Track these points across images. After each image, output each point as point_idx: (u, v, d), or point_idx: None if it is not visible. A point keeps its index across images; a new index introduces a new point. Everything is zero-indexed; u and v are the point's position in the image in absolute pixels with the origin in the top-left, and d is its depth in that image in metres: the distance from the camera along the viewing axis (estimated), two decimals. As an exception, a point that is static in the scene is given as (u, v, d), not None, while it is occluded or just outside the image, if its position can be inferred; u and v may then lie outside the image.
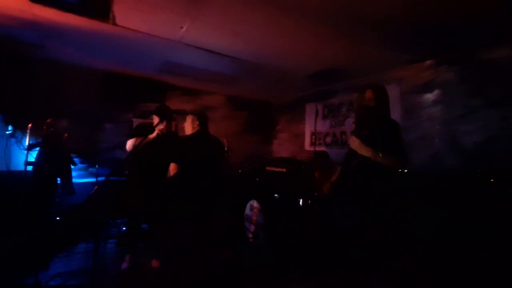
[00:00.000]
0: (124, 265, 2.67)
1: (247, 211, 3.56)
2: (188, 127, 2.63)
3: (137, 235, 2.90)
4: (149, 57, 3.69)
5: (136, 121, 4.70)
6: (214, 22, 2.65)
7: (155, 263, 2.74)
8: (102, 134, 4.51)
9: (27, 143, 2.40)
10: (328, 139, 4.86)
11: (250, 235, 3.39)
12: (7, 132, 3.58)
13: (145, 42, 3.16)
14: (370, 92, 1.98)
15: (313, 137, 5.12)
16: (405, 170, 2.95)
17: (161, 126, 2.46)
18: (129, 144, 2.61)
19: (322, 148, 4.85)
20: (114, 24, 2.69)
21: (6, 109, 3.46)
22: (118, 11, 2.48)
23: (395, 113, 3.42)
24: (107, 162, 4.16)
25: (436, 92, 3.32)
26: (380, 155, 1.78)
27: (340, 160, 3.99)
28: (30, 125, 2.34)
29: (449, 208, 2.48)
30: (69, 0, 2.25)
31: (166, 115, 2.58)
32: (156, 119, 2.67)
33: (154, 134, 2.47)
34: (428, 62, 3.44)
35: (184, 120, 2.69)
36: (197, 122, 2.56)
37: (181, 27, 2.77)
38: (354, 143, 1.92)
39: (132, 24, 2.74)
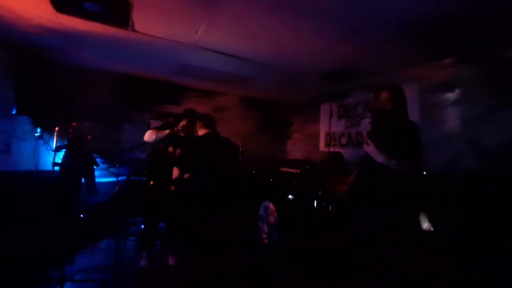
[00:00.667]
0: (143, 262, 2.78)
1: (261, 211, 3.60)
2: (198, 130, 2.70)
3: (155, 233, 3.01)
4: (165, 61, 3.80)
5: (153, 122, 4.85)
6: (228, 25, 2.70)
7: (171, 261, 2.84)
8: (121, 135, 4.69)
9: (54, 144, 2.55)
10: (344, 140, 4.80)
11: (264, 236, 3.42)
12: (35, 134, 3.82)
13: (162, 47, 3.26)
14: (386, 93, 1.93)
15: (328, 137, 5.07)
16: (424, 173, 2.87)
17: (182, 124, 2.53)
18: (147, 135, 2.68)
19: (337, 149, 4.79)
20: (133, 30, 2.81)
21: (34, 113, 3.68)
22: (137, 18, 2.59)
23: (413, 113, 3.32)
24: (126, 162, 4.32)
25: (456, 91, 3.21)
26: (394, 162, 1.75)
27: (356, 161, 3.94)
28: (57, 128, 2.50)
29: (471, 212, 2.39)
30: (92, 9, 2.38)
31: (190, 116, 2.66)
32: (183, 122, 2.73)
33: (173, 130, 2.54)
34: (447, 60, 3.33)
35: (195, 123, 2.76)
36: (203, 124, 2.62)
37: (196, 31, 2.84)
38: (369, 148, 1.88)
39: (149, 30, 2.84)
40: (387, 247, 1.82)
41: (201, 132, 2.65)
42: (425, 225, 2.30)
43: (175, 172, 2.59)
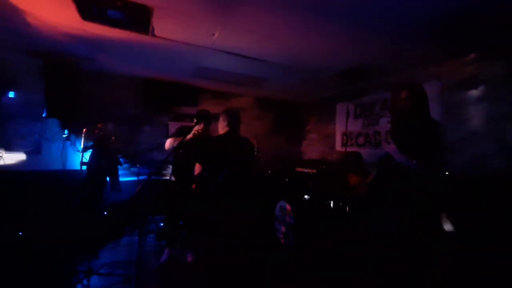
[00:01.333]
0: (164, 258, 2.88)
1: (277, 211, 3.61)
2: (220, 127, 2.74)
3: (174, 231, 3.11)
4: (183, 64, 3.91)
5: (171, 124, 5.00)
6: (244, 27, 2.74)
7: (190, 258, 2.92)
8: (141, 136, 4.87)
9: (81, 145, 2.71)
10: (361, 140, 4.72)
11: (281, 236, 3.43)
12: (63, 136, 4.05)
13: (180, 50, 3.36)
14: (406, 92, 1.90)
15: (344, 137, 5.00)
16: (446, 172, 2.78)
17: (198, 128, 2.60)
18: (168, 143, 2.80)
19: (354, 149, 4.72)
20: (153, 35, 2.92)
21: (62, 115, 3.91)
22: (157, 23, 2.69)
23: (435, 112, 3.21)
24: (146, 162, 4.49)
25: (480, 88, 3.07)
26: (415, 161, 1.72)
27: (374, 161, 3.86)
28: (84, 129, 2.65)
29: (497, 213, 2.28)
30: (115, 16, 2.50)
31: (205, 118, 2.73)
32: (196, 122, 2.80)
33: (190, 136, 2.62)
34: (471, 56, 3.19)
35: (216, 122, 2.81)
36: (226, 122, 2.66)
37: (213, 34, 2.91)
38: (389, 147, 1.86)
39: (168, 34, 2.94)
40: (406, 248, 1.78)
41: (223, 130, 2.69)
42: (448, 227, 2.22)
43: (197, 169, 2.66)
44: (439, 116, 3.31)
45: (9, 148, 4.08)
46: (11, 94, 3.99)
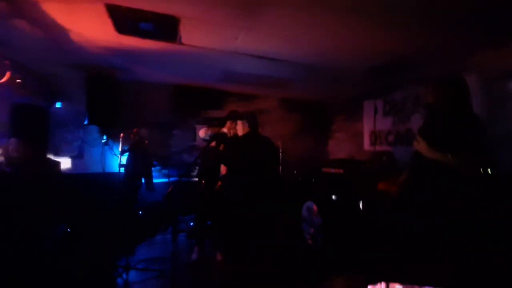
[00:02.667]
0: (194, 256, 3.00)
1: (304, 212, 3.58)
2: (240, 129, 2.81)
3: (204, 230, 3.22)
4: (209, 68, 4.06)
5: (198, 127, 5.19)
6: (266, 30, 2.77)
7: (219, 257, 3.01)
8: (171, 140, 5.11)
9: (119, 149, 2.93)
10: (391, 138, 4.51)
11: (308, 237, 3.40)
12: (102, 141, 4.40)
13: (205, 55, 3.49)
14: (439, 86, 1.79)
15: (373, 136, 4.82)
16: (490, 172, 2.56)
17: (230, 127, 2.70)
18: (202, 131, 2.92)
19: (384, 148, 4.53)
20: (180, 43, 3.07)
21: (101, 122, 4.26)
22: (183, 32, 2.83)
23: (476, 106, 2.98)
24: (176, 164, 4.71)
25: (527, 78, 2.80)
26: (450, 157, 1.60)
27: (406, 160, 3.67)
28: (122, 134, 2.86)
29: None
30: (146, 28, 2.69)
31: (236, 119, 2.81)
32: (240, 124, 2.88)
33: (225, 130, 2.72)
34: (516, 44, 2.92)
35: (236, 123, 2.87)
36: (246, 124, 2.71)
37: (236, 39, 2.99)
38: (419, 145, 1.75)
39: (194, 41, 3.08)
40: (441, 253, 1.68)
41: (243, 131, 2.75)
42: (493, 231, 2.04)
43: (223, 170, 2.75)
44: (480, 111, 3.06)
45: (57, 153, 4.53)
46: (58, 105, 4.43)
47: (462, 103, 1.75)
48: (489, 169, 2.33)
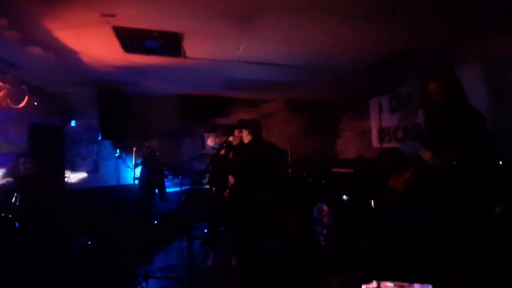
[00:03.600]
0: (210, 262, 3.07)
1: (315, 213, 3.61)
2: (244, 137, 2.87)
3: (217, 236, 3.29)
4: (213, 78, 4.16)
5: (206, 135, 5.29)
6: (267, 36, 2.83)
7: (234, 262, 3.07)
8: (181, 149, 5.24)
9: (133, 162, 3.06)
10: (399, 134, 4.48)
11: (322, 238, 3.42)
12: (116, 155, 4.56)
13: (209, 66, 3.59)
14: (435, 83, 1.80)
15: (381, 133, 4.79)
16: (500, 162, 2.53)
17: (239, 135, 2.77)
18: (210, 139, 3.01)
19: (393, 144, 4.50)
20: (185, 57, 3.19)
21: (114, 137, 4.42)
22: (187, 46, 2.94)
23: (481, 96, 2.95)
24: (187, 172, 4.81)
25: (534, 66, 2.75)
26: (455, 163, 1.62)
27: (416, 155, 3.66)
28: (134, 148, 2.99)
29: None
30: (152, 45, 2.81)
31: (245, 127, 2.87)
32: (245, 133, 2.94)
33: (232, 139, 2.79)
34: (521, 31, 2.87)
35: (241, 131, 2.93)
36: (248, 132, 2.76)
37: (238, 48, 3.07)
38: (425, 154, 1.76)
39: (198, 54, 3.19)
40: (454, 250, 1.69)
41: (247, 139, 2.80)
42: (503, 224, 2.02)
43: (231, 179, 2.82)
44: (486, 100, 3.02)
45: (73, 168, 4.72)
46: (73, 123, 4.63)
47: (457, 99, 1.76)
48: (497, 161, 2.32)
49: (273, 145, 2.84)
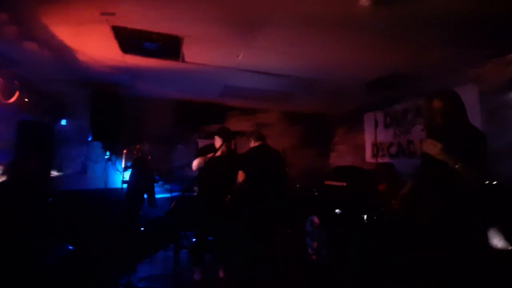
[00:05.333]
0: (196, 276, 2.94)
1: (308, 226, 3.53)
2: (250, 143, 2.90)
3: (205, 247, 3.17)
4: (211, 84, 4.14)
5: (201, 142, 5.22)
6: (267, 46, 2.85)
7: (221, 274, 2.95)
8: (174, 155, 5.14)
9: (122, 165, 2.96)
10: (393, 150, 4.51)
11: (313, 252, 3.34)
12: (105, 157, 4.44)
13: (207, 72, 3.58)
14: (438, 101, 1.81)
15: (375, 148, 4.82)
16: (494, 182, 2.55)
17: (223, 147, 2.74)
18: (195, 163, 2.99)
19: (386, 160, 4.52)
20: (183, 61, 3.17)
21: (105, 138, 4.30)
22: (186, 50, 2.92)
23: (474, 118, 2.99)
24: (179, 179, 4.70)
25: (525, 89, 2.83)
26: (457, 166, 1.60)
27: (408, 171, 3.66)
28: (125, 151, 2.90)
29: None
30: (151, 47, 2.78)
31: (227, 135, 2.87)
32: (218, 140, 2.99)
33: (218, 153, 2.75)
34: (511, 56, 2.97)
35: (243, 139, 2.97)
36: (255, 138, 2.79)
37: (238, 56, 3.07)
38: (435, 148, 1.71)
39: (197, 59, 3.17)
40: (451, 265, 1.65)
41: (254, 144, 2.86)
42: (498, 242, 2.01)
43: (240, 177, 2.75)
44: (480, 122, 3.07)
45: (60, 169, 4.56)
46: (63, 122, 4.51)
47: (459, 116, 1.77)
48: (491, 181, 2.33)
49: (279, 153, 2.89)
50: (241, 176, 2.76)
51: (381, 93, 4.48)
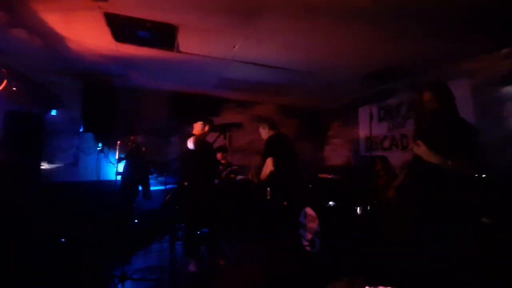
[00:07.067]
0: (192, 267, 2.95)
1: (302, 218, 3.57)
2: (263, 133, 2.90)
3: (199, 238, 3.18)
4: (206, 76, 4.09)
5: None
6: (264, 38, 2.82)
7: (222, 263, 2.98)
8: (168, 147, 5.08)
9: (116, 157, 2.90)
10: (386, 143, 4.56)
11: (306, 243, 3.38)
12: (97, 149, 4.35)
13: (203, 63, 3.53)
14: (429, 93, 1.83)
15: (369, 141, 4.87)
16: (483, 175, 2.61)
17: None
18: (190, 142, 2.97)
19: (379, 153, 4.57)
20: (178, 51, 3.10)
21: (97, 130, 4.22)
22: (181, 40, 2.86)
23: (467, 111, 3.04)
24: (173, 171, 4.67)
25: (517, 84, 2.88)
26: (450, 162, 1.63)
27: (401, 164, 3.71)
28: (118, 142, 2.85)
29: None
30: (145, 36, 2.71)
31: (206, 122, 2.92)
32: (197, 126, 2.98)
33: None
34: (506, 50, 3.00)
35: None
36: (268, 127, 2.80)
37: (234, 47, 3.03)
38: (420, 149, 1.77)
39: (192, 49, 3.12)
40: (441, 256, 1.69)
41: (269, 133, 2.84)
42: (488, 231, 2.07)
43: (269, 166, 2.70)
44: (472, 116, 3.13)
45: (51, 161, 4.46)
46: (54, 112, 4.39)
47: (449, 109, 1.79)
48: (482, 173, 2.38)
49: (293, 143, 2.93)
50: (269, 164, 2.69)
51: (376, 86, 4.50)
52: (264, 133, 2.92)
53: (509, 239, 2.03)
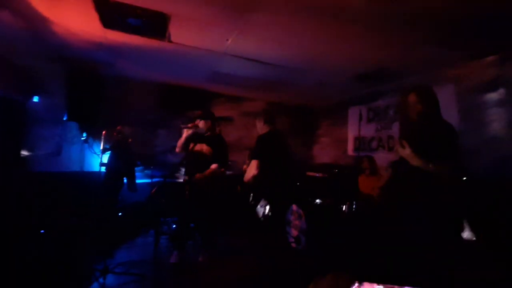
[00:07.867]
0: (173, 259, 2.91)
1: (288, 215, 3.60)
2: (258, 127, 2.84)
3: (187, 233, 3.15)
4: (198, 69, 4.02)
5: (184, 127, 5.09)
6: (258, 33, 2.79)
7: (201, 258, 2.96)
8: (156, 139, 4.99)
9: (101, 147, 2.81)
10: (374, 144, 4.65)
11: (292, 240, 3.41)
12: (82, 138, 4.22)
13: (195, 55, 3.46)
14: (414, 95, 1.87)
15: (357, 141, 4.94)
16: (464, 178, 2.70)
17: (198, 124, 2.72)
18: (178, 145, 2.93)
19: (367, 153, 4.66)
20: (169, 41, 3.03)
21: (82, 119, 4.08)
22: (173, 30, 2.79)
23: (452, 116, 3.14)
24: (160, 164, 4.59)
25: (500, 91, 2.98)
26: (431, 165, 1.67)
27: (387, 165, 3.79)
28: (104, 132, 2.75)
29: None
30: (135, 24, 2.62)
31: (208, 117, 2.89)
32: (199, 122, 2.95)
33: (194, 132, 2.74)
34: (490, 58, 3.11)
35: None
36: (263, 122, 2.75)
37: (227, 40, 2.98)
38: (404, 151, 1.80)
39: (184, 40, 3.04)
40: (423, 254, 1.74)
41: (263, 128, 2.77)
42: (467, 233, 2.15)
43: (253, 168, 2.64)
44: (457, 120, 3.22)
45: (32, 150, 4.28)
46: (36, 99, 4.21)
47: (433, 112, 1.84)
48: (463, 176, 2.47)
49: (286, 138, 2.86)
50: (255, 165, 2.62)
51: (366, 87, 4.57)
52: (259, 126, 2.84)
53: (487, 239, 2.12)
